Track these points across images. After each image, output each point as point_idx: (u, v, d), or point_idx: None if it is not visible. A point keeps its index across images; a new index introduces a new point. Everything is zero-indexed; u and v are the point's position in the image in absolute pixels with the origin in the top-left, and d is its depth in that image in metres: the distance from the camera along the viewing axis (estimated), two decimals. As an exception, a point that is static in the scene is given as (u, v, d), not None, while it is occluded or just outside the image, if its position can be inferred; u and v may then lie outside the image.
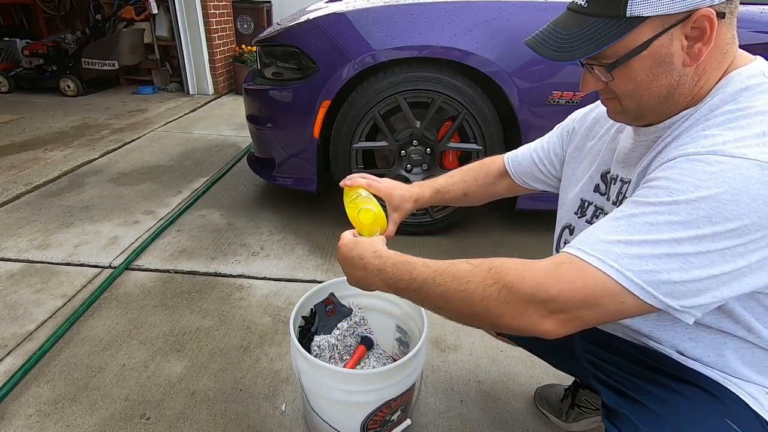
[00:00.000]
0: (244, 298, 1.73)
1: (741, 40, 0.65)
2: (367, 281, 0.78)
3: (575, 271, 0.58)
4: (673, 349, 0.72)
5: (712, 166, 0.55)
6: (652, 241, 0.56)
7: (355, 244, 0.80)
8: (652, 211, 0.57)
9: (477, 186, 1.08)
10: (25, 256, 1.96)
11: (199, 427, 1.22)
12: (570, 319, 0.59)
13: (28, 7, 5.52)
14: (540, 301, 0.59)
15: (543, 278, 0.59)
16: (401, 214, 1.01)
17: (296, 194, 2.48)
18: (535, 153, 1.02)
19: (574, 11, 0.65)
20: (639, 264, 0.55)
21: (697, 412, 0.64)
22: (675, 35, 0.60)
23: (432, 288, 0.67)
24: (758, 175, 0.52)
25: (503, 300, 0.61)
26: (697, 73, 0.63)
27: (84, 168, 2.95)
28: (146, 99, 4.80)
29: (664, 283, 0.55)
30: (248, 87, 2.21)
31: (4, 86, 4.79)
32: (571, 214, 0.89)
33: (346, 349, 1.17)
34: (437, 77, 1.89)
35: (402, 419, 1.12)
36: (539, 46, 0.66)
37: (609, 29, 0.60)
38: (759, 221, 0.53)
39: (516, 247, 2.11)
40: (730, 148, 0.55)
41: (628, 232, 0.57)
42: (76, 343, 1.49)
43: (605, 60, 0.63)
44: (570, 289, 0.58)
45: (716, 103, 0.62)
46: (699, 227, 0.54)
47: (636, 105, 0.67)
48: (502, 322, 0.63)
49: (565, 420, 1.22)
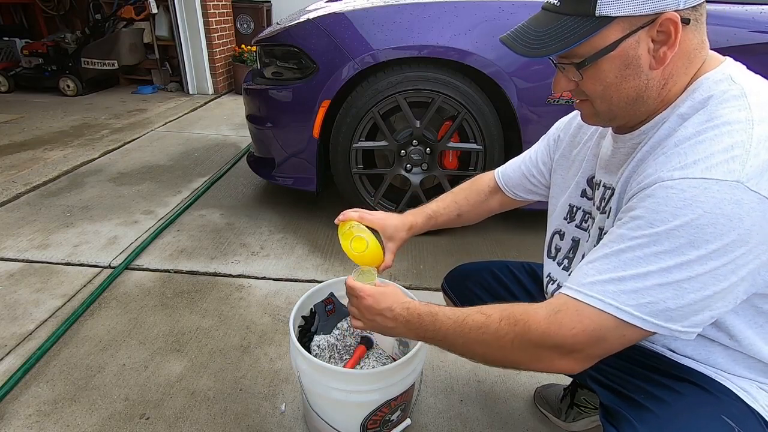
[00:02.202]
0: (244, 298, 1.73)
1: (741, 40, 0.66)
2: (394, 332, 0.82)
3: (573, 315, 0.62)
4: (665, 348, 0.73)
5: (685, 192, 0.57)
6: (643, 273, 0.59)
7: (383, 296, 0.82)
8: (637, 245, 0.60)
9: (469, 205, 1.10)
10: (25, 255, 1.96)
11: (198, 426, 1.22)
12: (584, 357, 0.64)
13: (28, 7, 5.52)
14: (549, 347, 0.64)
15: (545, 327, 0.64)
16: (397, 243, 1.03)
17: (296, 194, 2.48)
18: (523, 164, 1.04)
19: (548, 10, 0.68)
20: (636, 298, 0.59)
21: (694, 410, 0.65)
22: (642, 38, 0.62)
23: (455, 338, 0.72)
24: (729, 196, 0.55)
25: (518, 348, 0.66)
26: (664, 77, 0.65)
27: (83, 168, 2.95)
28: (146, 98, 4.80)
29: (662, 312, 0.59)
30: (248, 87, 2.21)
31: (3, 86, 4.79)
32: (561, 220, 0.91)
33: (345, 349, 1.17)
34: (437, 77, 1.89)
35: (402, 419, 1.13)
36: (513, 43, 0.69)
37: (579, 27, 0.62)
38: (739, 238, 0.55)
39: (515, 246, 2.11)
40: (700, 170, 0.57)
41: (620, 269, 0.60)
42: (75, 343, 1.49)
43: (575, 59, 0.66)
44: (573, 335, 0.62)
45: (686, 111, 0.64)
46: (684, 253, 0.57)
47: (607, 107, 0.69)
48: (523, 366, 0.69)
49: (564, 420, 1.22)
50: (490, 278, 1.11)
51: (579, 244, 0.87)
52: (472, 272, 1.16)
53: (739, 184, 0.55)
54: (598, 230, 0.78)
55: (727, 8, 1.75)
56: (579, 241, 0.87)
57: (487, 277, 1.12)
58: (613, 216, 0.73)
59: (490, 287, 1.10)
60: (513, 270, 1.12)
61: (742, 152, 0.56)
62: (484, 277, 1.12)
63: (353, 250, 0.96)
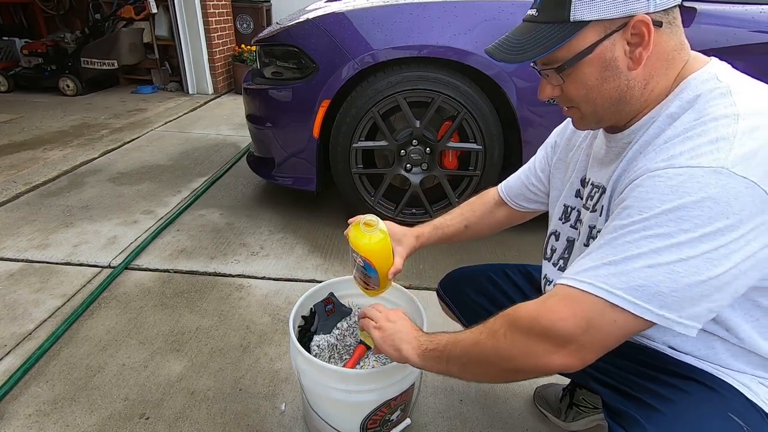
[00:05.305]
0: (244, 298, 1.73)
1: (741, 40, 0.67)
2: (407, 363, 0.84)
3: (561, 299, 0.63)
4: (665, 345, 0.74)
5: (672, 179, 0.58)
6: (634, 255, 0.59)
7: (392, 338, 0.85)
8: (627, 231, 0.60)
9: (476, 217, 1.11)
10: (25, 255, 1.95)
11: (198, 426, 1.22)
12: (578, 349, 0.62)
13: (28, 7, 5.52)
14: (538, 334, 0.64)
15: (533, 311, 0.65)
16: (406, 248, 1.03)
17: (296, 194, 2.48)
18: (523, 174, 1.06)
19: (528, 21, 0.71)
20: (626, 281, 0.59)
21: (701, 408, 0.65)
22: (617, 40, 0.65)
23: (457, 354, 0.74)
24: (714, 180, 0.56)
25: (510, 341, 0.67)
26: (644, 77, 0.67)
27: (83, 167, 2.95)
28: (146, 98, 4.80)
29: (654, 295, 0.58)
30: (248, 86, 2.21)
31: (3, 85, 4.79)
32: (557, 221, 0.92)
33: (345, 349, 1.17)
34: (437, 77, 1.89)
35: (401, 419, 1.13)
36: (495, 51, 0.73)
37: (556, 33, 0.66)
38: (730, 222, 0.55)
39: (515, 247, 2.11)
40: (686, 159, 0.58)
41: (611, 255, 0.61)
42: (75, 343, 1.49)
43: (555, 64, 0.69)
44: (561, 318, 0.62)
45: (675, 111, 0.65)
46: (673, 236, 0.57)
47: (592, 109, 0.72)
48: (517, 365, 0.68)
49: (564, 419, 1.22)
50: (485, 282, 1.11)
51: (573, 244, 0.87)
52: (467, 276, 1.16)
53: (723, 169, 0.55)
54: (589, 228, 0.79)
55: (727, 8, 1.75)
56: (573, 241, 0.88)
57: (482, 280, 1.12)
58: (606, 214, 0.74)
59: (486, 291, 1.10)
60: (509, 273, 1.12)
61: (727, 143, 0.57)
62: (479, 281, 1.12)
63: (365, 229, 0.94)
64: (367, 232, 0.94)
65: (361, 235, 0.95)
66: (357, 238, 0.95)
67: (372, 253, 0.95)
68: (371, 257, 0.95)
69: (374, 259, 0.95)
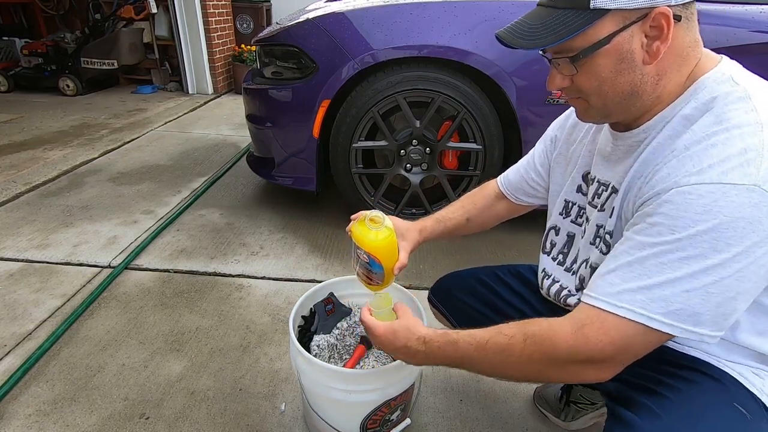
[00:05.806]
0: (244, 298, 1.73)
1: (741, 40, 0.67)
2: (418, 363, 0.83)
3: (600, 328, 0.63)
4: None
5: (704, 197, 0.57)
6: (670, 280, 0.59)
7: (395, 335, 0.81)
8: (660, 251, 0.60)
9: (477, 210, 1.10)
10: (25, 255, 1.95)
11: (198, 426, 1.22)
12: (613, 365, 0.65)
13: (28, 7, 5.52)
14: (577, 361, 0.65)
15: (572, 343, 0.64)
16: (410, 243, 1.01)
17: (296, 194, 2.48)
18: (522, 168, 1.05)
19: (543, 5, 0.68)
20: (665, 306, 0.59)
21: (707, 398, 0.67)
22: (635, 32, 0.62)
23: (479, 363, 0.73)
24: (747, 199, 0.56)
25: (545, 365, 0.67)
26: (657, 73, 0.65)
27: (83, 167, 2.95)
28: (145, 98, 4.80)
29: (690, 316, 0.59)
30: (248, 86, 2.21)
31: (3, 85, 4.78)
32: (557, 215, 0.92)
33: (345, 349, 1.17)
34: (437, 77, 1.89)
35: (401, 418, 1.12)
36: (508, 36, 0.69)
37: (574, 20, 0.63)
38: (760, 239, 0.56)
39: (515, 246, 2.11)
40: (716, 174, 0.57)
41: (646, 277, 0.61)
42: (75, 343, 1.48)
43: (570, 53, 0.66)
44: (600, 348, 0.63)
45: (691, 113, 0.64)
46: (708, 257, 0.57)
47: (602, 102, 0.69)
48: (554, 379, 0.72)
49: (563, 419, 1.22)
50: (477, 285, 1.11)
51: (574, 239, 0.87)
52: (458, 281, 1.16)
53: (755, 187, 0.56)
54: (596, 227, 0.78)
55: (727, 8, 1.75)
56: (574, 236, 0.87)
57: (474, 284, 1.11)
58: (617, 216, 0.73)
59: (478, 294, 1.10)
60: (499, 274, 1.11)
61: (756, 155, 0.57)
62: (471, 285, 1.11)
63: (371, 225, 0.93)
64: (373, 228, 0.93)
65: (367, 232, 0.93)
66: (362, 235, 0.94)
67: (378, 250, 0.93)
68: (377, 254, 0.93)
69: (380, 256, 0.94)
